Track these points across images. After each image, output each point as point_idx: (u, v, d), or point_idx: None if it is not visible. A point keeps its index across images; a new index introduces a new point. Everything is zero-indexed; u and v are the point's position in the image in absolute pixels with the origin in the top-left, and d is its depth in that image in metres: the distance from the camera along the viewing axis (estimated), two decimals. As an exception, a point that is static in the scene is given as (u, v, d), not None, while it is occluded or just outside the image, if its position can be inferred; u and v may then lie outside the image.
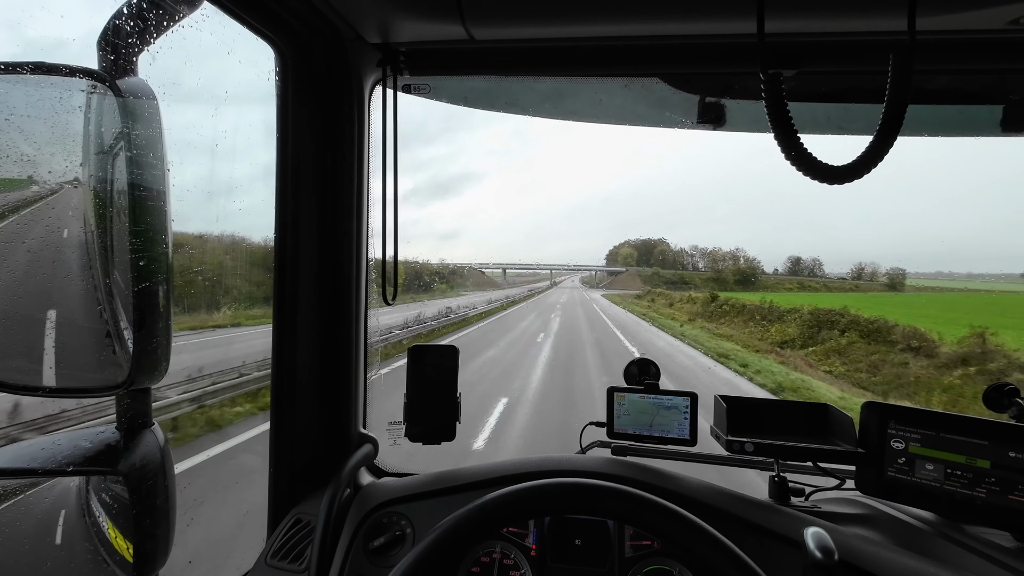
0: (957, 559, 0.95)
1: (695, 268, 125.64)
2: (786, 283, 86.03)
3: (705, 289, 70.72)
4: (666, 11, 0.95)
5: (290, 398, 1.20)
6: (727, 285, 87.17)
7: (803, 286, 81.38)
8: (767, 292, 66.38)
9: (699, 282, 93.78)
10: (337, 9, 1.03)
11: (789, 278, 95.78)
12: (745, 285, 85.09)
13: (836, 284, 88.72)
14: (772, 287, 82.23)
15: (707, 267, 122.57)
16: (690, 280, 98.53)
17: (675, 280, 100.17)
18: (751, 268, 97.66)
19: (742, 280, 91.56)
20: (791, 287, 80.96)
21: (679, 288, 78.70)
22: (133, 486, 0.72)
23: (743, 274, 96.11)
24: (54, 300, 0.75)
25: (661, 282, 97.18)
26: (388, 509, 1.17)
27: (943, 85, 1.14)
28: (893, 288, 75.20)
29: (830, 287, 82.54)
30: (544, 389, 10.06)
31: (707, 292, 47.14)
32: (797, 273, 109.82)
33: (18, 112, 0.66)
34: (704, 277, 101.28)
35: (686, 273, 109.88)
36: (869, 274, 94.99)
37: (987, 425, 1.01)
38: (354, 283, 1.24)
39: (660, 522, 0.74)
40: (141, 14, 0.73)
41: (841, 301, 31.47)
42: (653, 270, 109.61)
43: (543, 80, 1.25)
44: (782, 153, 0.82)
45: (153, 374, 0.71)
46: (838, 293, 69.24)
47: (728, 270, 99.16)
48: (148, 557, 0.73)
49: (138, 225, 0.67)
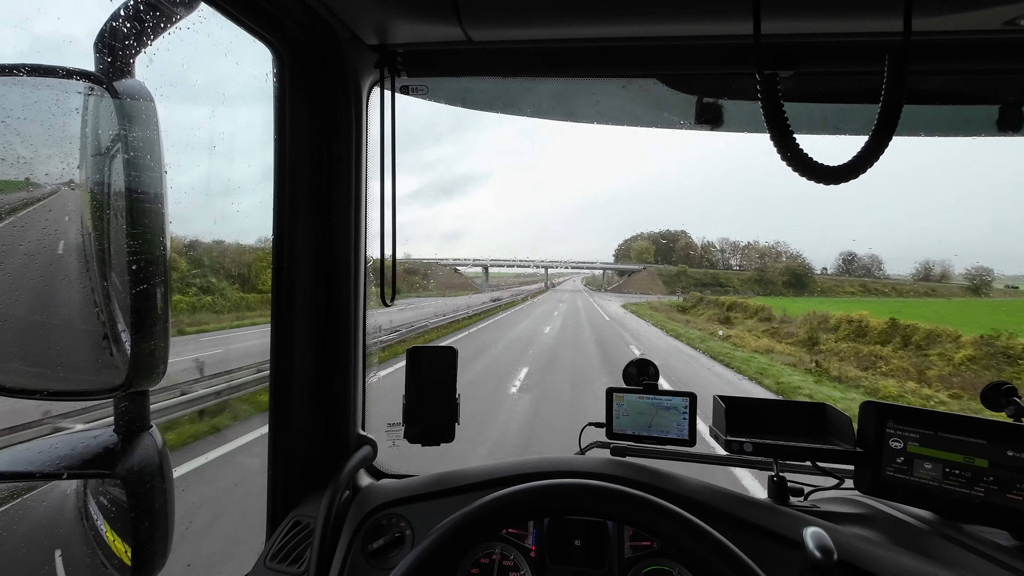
0: (956, 558, 0.96)
1: (726, 266, 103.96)
2: (845, 285, 69.17)
3: (747, 292, 60.50)
4: (663, 12, 0.96)
5: (289, 400, 1.20)
6: (774, 287, 70.73)
7: (868, 289, 65.82)
8: (825, 296, 58.89)
9: (737, 283, 74.35)
10: (334, 10, 1.03)
11: (847, 279, 76.59)
12: (797, 288, 69.86)
13: (907, 287, 70.74)
14: (830, 290, 67.77)
15: (741, 264, 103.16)
16: (726, 281, 76.90)
17: (708, 281, 76.71)
18: (803, 267, 78.89)
19: (793, 282, 71.98)
20: (852, 290, 65.39)
21: (711, 291, 61.92)
22: (131, 489, 0.72)
23: (793, 274, 75.15)
24: (51, 303, 0.74)
25: (690, 284, 74.95)
26: (387, 511, 1.17)
27: (938, 85, 1.15)
28: (977, 292, 60.81)
29: (900, 290, 66.78)
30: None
31: (753, 297, 38.47)
32: (851, 272, 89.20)
33: (15, 114, 0.66)
34: (744, 278, 79.54)
35: (720, 272, 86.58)
36: (938, 275, 76.96)
37: (985, 424, 1.01)
38: (352, 284, 1.24)
39: (659, 523, 0.74)
40: (138, 16, 0.73)
41: (931, 309, 26.09)
42: (679, 268, 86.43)
43: (541, 81, 1.25)
44: (778, 153, 0.82)
45: (151, 377, 0.71)
46: (913, 299, 57.60)
47: (774, 269, 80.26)
48: (146, 560, 0.73)
49: (136, 227, 0.67)
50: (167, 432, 6.39)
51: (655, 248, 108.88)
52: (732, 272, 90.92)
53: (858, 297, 58.74)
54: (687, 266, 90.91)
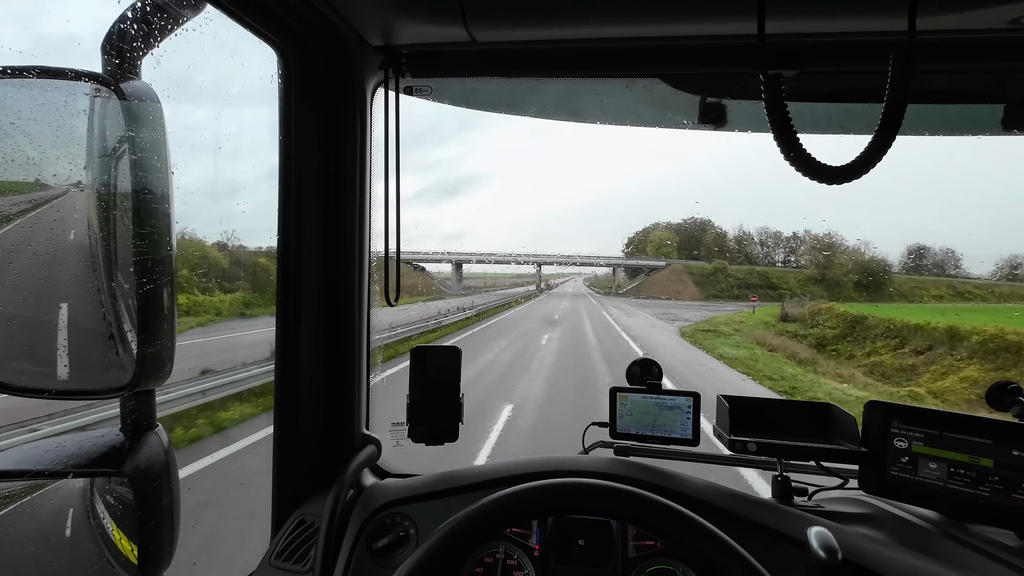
0: (961, 558, 0.95)
1: (769, 261, 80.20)
2: (930, 287, 53.56)
3: (807, 297, 42.54)
4: (667, 12, 0.96)
5: (294, 399, 1.20)
6: (842, 289, 52.91)
7: (959, 292, 51.35)
8: (910, 302, 42.03)
9: (794, 284, 55.61)
10: (340, 12, 1.03)
11: (931, 279, 59.16)
12: (871, 290, 53.70)
13: (1005, 289, 52.15)
14: (910, 293, 52.72)
15: (788, 259, 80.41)
16: (780, 282, 57.64)
17: (756, 282, 58.01)
18: (878, 264, 59.39)
19: (866, 283, 54.64)
20: (940, 293, 50.59)
21: (760, 294, 49.95)
22: (138, 488, 0.72)
23: (867, 272, 56.33)
24: (59, 303, 0.75)
25: (731, 284, 57.38)
26: (392, 510, 1.17)
27: (943, 85, 1.14)
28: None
29: (1000, 293, 49.60)
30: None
31: (847, 304, 25.76)
32: (920, 270, 67.67)
33: (24, 116, 0.67)
34: (802, 277, 59.47)
35: (768, 270, 64.34)
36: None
37: (990, 424, 1.01)
38: (356, 285, 1.25)
39: (664, 522, 0.74)
40: (145, 18, 0.73)
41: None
42: (716, 264, 63.25)
43: (544, 82, 1.25)
44: (781, 153, 0.82)
45: (158, 376, 0.71)
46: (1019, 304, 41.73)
47: (839, 266, 60.42)
48: (153, 559, 0.74)
49: (142, 228, 0.68)
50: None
51: (678, 239, 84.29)
52: (781, 270, 68.35)
53: (957, 302, 44.69)
54: (726, 261, 67.56)
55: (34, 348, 0.75)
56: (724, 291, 55.84)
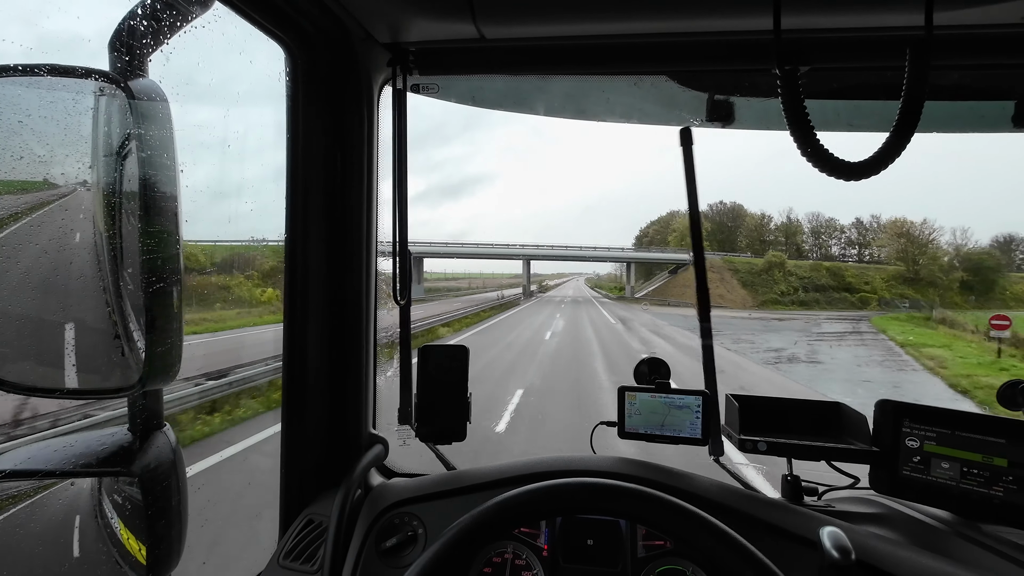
0: (975, 558, 0.94)
1: (826, 255, 66.12)
2: None
3: (898, 303, 35.11)
4: (678, 9, 0.95)
5: (301, 399, 1.20)
6: (946, 294, 40.95)
7: None
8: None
9: (880, 285, 43.58)
10: (348, 9, 1.03)
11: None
12: (979, 292, 41.56)
13: None
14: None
15: (844, 252, 66.00)
16: (857, 282, 44.29)
17: (827, 283, 44.17)
18: (991, 259, 47.12)
19: (974, 283, 42.31)
20: None
21: (824, 297, 37.88)
22: (147, 487, 0.72)
23: (976, 269, 43.58)
24: (67, 302, 0.75)
25: (791, 286, 43.16)
26: (400, 510, 1.17)
27: (955, 81, 1.13)
28: None
29: None
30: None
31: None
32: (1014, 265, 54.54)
33: (33, 114, 0.66)
34: (888, 275, 45.96)
35: (843, 267, 49.79)
36: None
37: (1004, 423, 1.00)
38: (364, 283, 1.24)
39: (674, 522, 0.74)
40: (153, 15, 0.73)
41: None
42: (771, 257, 48.04)
43: (551, 79, 1.25)
44: (798, 149, 0.81)
45: (166, 375, 0.71)
46: None
47: (931, 260, 46.60)
48: (161, 558, 0.73)
49: (150, 226, 0.68)
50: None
51: (708, 229, 60.58)
52: (856, 265, 52.70)
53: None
54: (783, 254, 50.69)
55: (42, 348, 0.75)
56: (785, 295, 41.01)
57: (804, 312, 34.16)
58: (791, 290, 42.51)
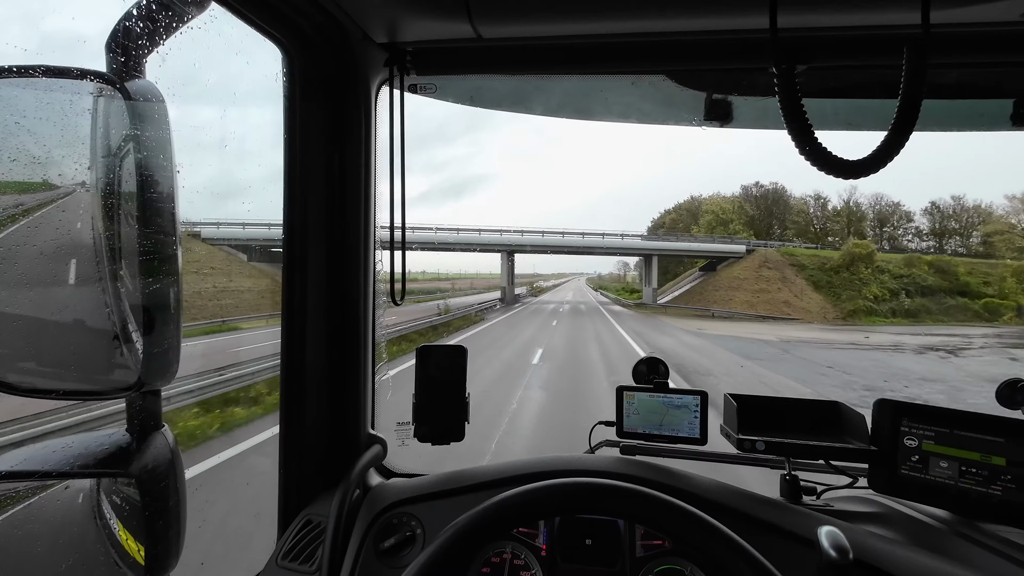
0: (973, 557, 0.94)
1: (896, 246, 53.62)
2: None
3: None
4: (675, 8, 0.95)
5: (299, 399, 1.20)
6: None
7: None
8: None
9: (1012, 285, 32.04)
10: (345, 9, 1.03)
11: None
12: None
13: None
14: None
15: (932, 245, 54.01)
16: (971, 280, 32.09)
17: (935, 285, 30.84)
18: None
19: None
20: None
21: (936, 303, 29.09)
22: (145, 488, 0.72)
23: None
24: (65, 303, 0.75)
25: (884, 289, 30.15)
26: (398, 510, 1.17)
27: (953, 79, 1.13)
28: None
29: None
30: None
31: None
32: None
33: (30, 115, 0.66)
34: (1014, 270, 33.50)
35: (955, 261, 37.06)
36: None
37: (1002, 422, 1.00)
38: (362, 283, 1.24)
39: (672, 521, 0.74)
40: (150, 16, 0.73)
41: None
42: (853, 248, 32.33)
43: (549, 79, 1.25)
44: (796, 148, 0.81)
45: (164, 376, 0.71)
46: None
47: None
48: (160, 559, 0.73)
49: (147, 227, 0.68)
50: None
51: (748, 214, 49.67)
52: (965, 260, 40.88)
53: None
54: (871, 243, 39.45)
55: (39, 349, 0.75)
56: (880, 301, 29.95)
57: (919, 327, 23.01)
58: (887, 294, 30.42)
